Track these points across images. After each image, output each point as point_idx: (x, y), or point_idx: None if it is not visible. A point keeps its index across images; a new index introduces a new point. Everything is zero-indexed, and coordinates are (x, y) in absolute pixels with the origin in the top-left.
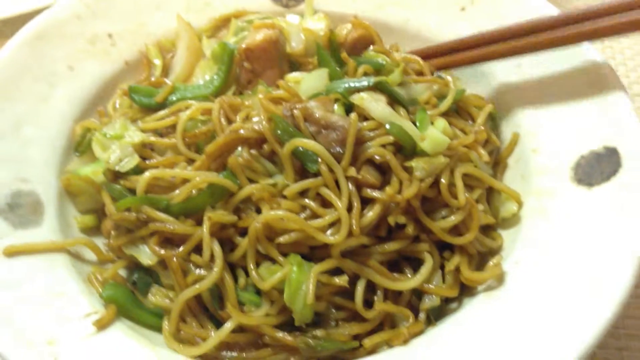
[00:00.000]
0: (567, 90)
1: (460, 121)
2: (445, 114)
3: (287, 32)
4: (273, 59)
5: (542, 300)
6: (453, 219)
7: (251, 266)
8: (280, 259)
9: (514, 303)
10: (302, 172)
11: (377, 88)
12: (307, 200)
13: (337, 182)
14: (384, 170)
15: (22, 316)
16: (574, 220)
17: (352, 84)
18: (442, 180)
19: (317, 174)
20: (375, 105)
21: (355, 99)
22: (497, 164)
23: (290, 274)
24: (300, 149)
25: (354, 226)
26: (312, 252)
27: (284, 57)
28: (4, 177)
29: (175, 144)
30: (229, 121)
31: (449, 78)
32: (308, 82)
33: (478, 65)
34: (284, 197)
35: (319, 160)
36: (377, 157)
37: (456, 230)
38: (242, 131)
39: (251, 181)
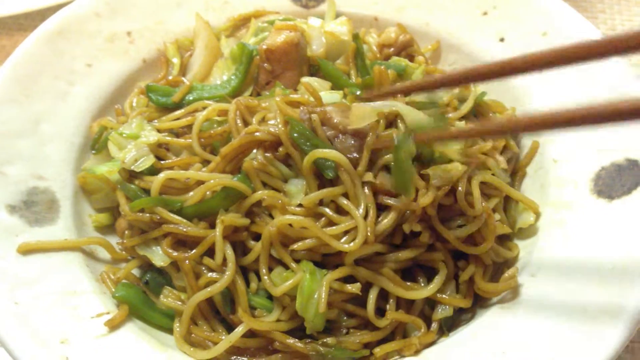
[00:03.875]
0: (589, 99)
1: None
2: (464, 119)
3: (308, 34)
4: (293, 61)
5: (558, 315)
6: (469, 228)
7: (263, 271)
8: (293, 265)
9: (529, 317)
10: (318, 177)
11: None
12: (323, 208)
13: None
14: None
15: (35, 315)
16: (593, 234)
17: None
18: (459, 188)
19: (332, 180)
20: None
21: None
22: (516, 172)
23: (302, 281)
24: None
25: (368, 233)
26: (325, 258)
27: (304, 60)
28: (20, 174)
29: (191, 144)
30: (245, 123)
31: None
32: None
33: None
34: (300, 205)
35: (337, 166)
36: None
37: (472, 239)
38: (257, 133)
39: (266, 185)
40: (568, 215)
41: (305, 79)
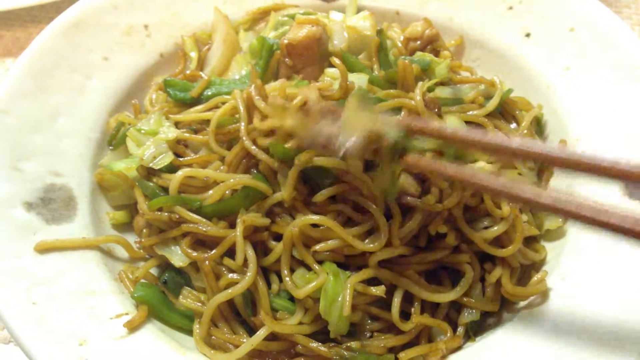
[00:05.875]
0: (619, 96)
1: (504, 124)
2: (489, 116)
3: (330, 29)
4: (314, 56)
5: (590, 320)
6: (495, 230)
7: (285, 272)
8: (316, 267)
9: (559, 322)
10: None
11: None
12: (339, 205)
13: None
14: (423, 178)
15: (53, 315)
16: None
17: None
18: None
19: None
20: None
21: None
22: (542, 171)
23: (326, 284)
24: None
25: (394, 236)
26: (348, 260)
27: (326, 55)
28: (38, 170)
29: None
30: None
31: (495, 78)
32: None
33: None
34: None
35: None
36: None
37: (498, 241)
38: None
39: None
40: None
41: (329, 69)
